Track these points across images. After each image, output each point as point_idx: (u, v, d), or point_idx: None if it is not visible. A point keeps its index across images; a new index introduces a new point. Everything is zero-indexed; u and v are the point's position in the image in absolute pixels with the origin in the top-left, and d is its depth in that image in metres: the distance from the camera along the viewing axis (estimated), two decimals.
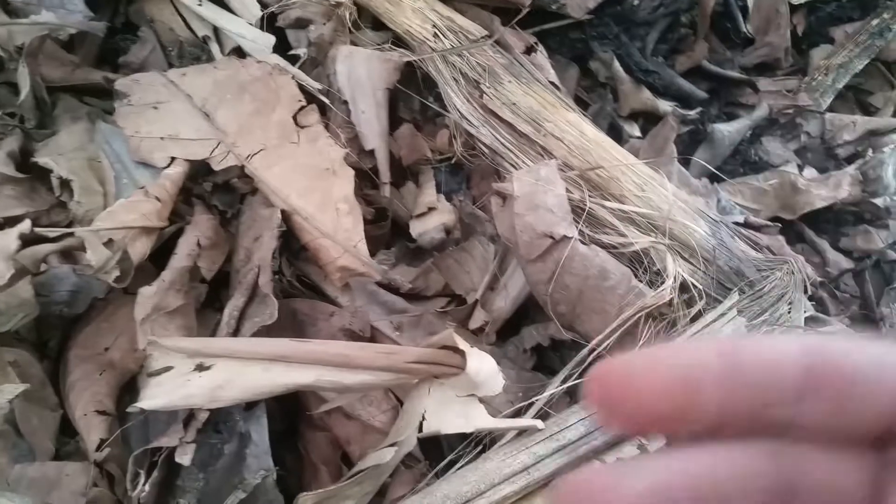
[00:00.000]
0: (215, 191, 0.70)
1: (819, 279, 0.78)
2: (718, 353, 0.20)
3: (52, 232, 0.55)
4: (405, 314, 0.69)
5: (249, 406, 0.56)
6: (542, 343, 0.69)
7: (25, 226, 0.53)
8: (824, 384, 0.20)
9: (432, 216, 0.76)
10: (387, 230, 0.76)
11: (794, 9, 1.01)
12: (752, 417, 0.20)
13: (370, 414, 0.61)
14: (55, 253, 0.57)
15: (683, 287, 0.66)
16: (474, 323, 0.71)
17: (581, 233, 0.65)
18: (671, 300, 0.64)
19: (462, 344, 0.52)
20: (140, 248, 0.58)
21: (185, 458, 0.50)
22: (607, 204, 0.70)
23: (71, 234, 0.56)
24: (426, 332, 0.68)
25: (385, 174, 0.76)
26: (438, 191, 0.79)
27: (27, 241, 0.53)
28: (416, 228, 0.75)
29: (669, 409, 0.20)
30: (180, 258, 0.60)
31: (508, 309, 0.71)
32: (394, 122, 0.80)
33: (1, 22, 0.66)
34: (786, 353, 0.20)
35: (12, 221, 0.57)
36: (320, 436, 0.62)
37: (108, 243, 0.56)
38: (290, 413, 0.63)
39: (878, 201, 0.87)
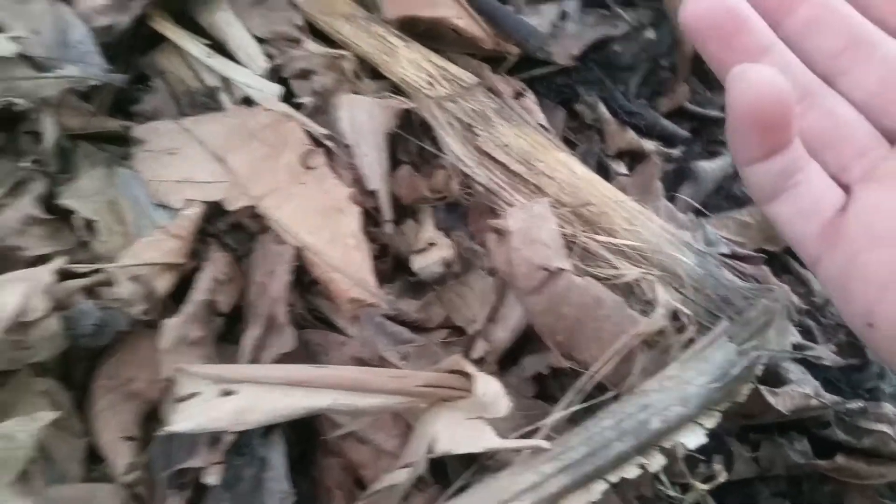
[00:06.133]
0: (229, 231, 0.73)
1: (805, 307, 0.81)
2: None
3: (82, 268, 0.58)
4: (410, 344, 0.72)
5: (266, 432, 0.59)
6: (542, 371, 0.72)
7: (60, 262, 0.56)
8: None
9: (432, 251, 0.79)
10: (389, 266, 0.80)
11: None
12: None
13: (382, 438, 0.64)
14: (82, 289, 0.60)
15: (674, 315, 0.69)
16: (476, 353, 0.73)
17: (574, 266, 0.69)
18: (663, 327, 0.67)
19: (469, 367, 0.55)
20: (164, 284, 0.61)
21: (212, 478, 0.53)
22: (598, 238, 0.73)
23: (99, 271, 0.59)
24: (430, 362, 0.71)
25: (387, 212, 0.80)
26: (437, 228, 0.83)
27: (60, 276, 0.56)
28: (416, 263, 0.79)
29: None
30: (199, 292, 0.64)
31: (508, 339, 0.74)
32: (393, 164, 0.84)
33: (28, 76, 0.70)
34: None
35: (41, 260, 0.61)
36: (334, 461, 0.65)
37: (134, 279, 0.59)
38: (303, 440, 0.66)
39: None
